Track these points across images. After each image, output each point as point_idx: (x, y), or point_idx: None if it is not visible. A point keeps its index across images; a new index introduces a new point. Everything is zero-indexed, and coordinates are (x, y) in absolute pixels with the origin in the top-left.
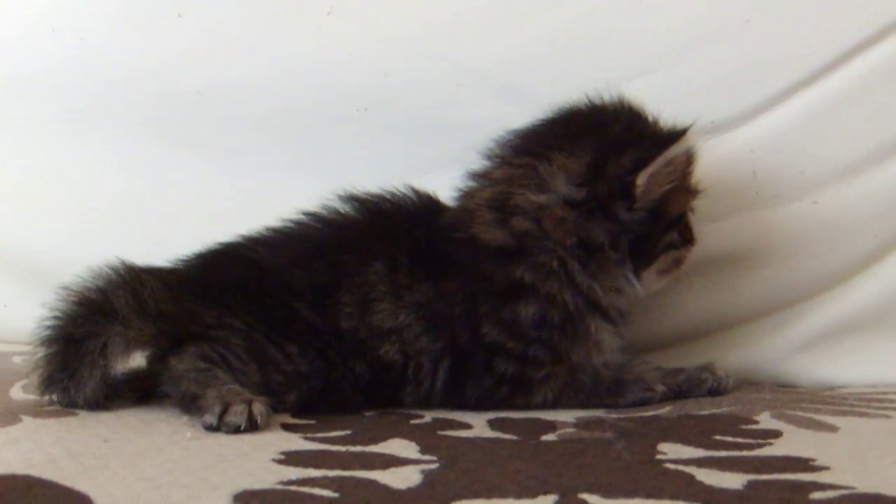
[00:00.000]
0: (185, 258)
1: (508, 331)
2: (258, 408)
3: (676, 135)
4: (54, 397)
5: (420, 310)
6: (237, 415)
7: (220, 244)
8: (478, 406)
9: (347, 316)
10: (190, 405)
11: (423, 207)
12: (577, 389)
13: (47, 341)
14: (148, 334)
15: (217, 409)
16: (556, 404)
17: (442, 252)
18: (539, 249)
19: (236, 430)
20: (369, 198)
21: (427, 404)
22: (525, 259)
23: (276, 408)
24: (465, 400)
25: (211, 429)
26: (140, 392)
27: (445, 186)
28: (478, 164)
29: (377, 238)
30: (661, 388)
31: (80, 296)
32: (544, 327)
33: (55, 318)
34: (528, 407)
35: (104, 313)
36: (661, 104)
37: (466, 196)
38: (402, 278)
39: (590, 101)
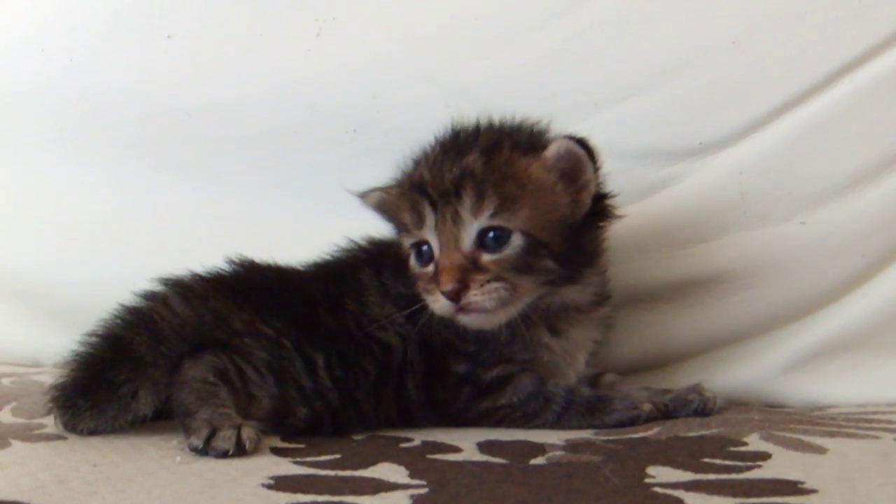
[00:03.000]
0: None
1: (451, 327)
2: (247, 432)
3: None
4: (59, 416)
5: (400, 300)
6: (225, 440)
7: (246, 259)
8: (449, 408)
9: (352, 315)
10: (183, 419)
11: None
12: (547, 399)
13: (78, 365)
14: (169, 365)
15: (204, 433)
16: (530, 416)
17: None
18: None
19: (223, 455)
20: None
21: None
22: None
23: (284, 423)
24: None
25: (197, 451)
26: None
27: None
28: None
29: (367, 255)
30: (647, 406)
31: (106, 337)
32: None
33: (90, 345)
34: (497, 410)
35: (133, 358)
36: (649, 126)
37: None
38: (386, 278)
39: None
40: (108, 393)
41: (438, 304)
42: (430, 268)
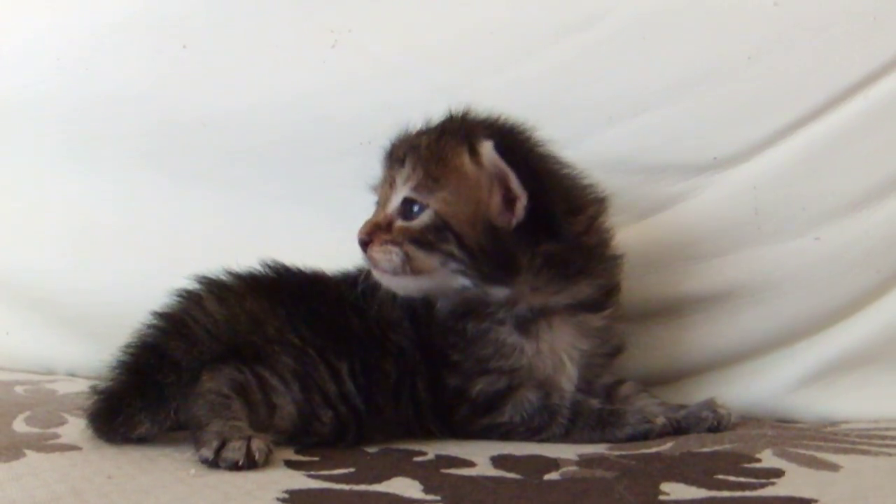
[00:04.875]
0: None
1: (440, 333)
2: (257, 444)
3: None
4: (107, 421)
5: (404, 307)
6: (234, 450)
7: (279, 262)
8: (453, 419)
9: (373, 317)
10: (195, 431)
11: None
12: (552, 413)
13: (124, 370)
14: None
15: (214, 444)
16: (535, 431)
17: None
18: None
19: (234, 466)
20: None
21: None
22: None
23: (308, 431)
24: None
25: (207, 463)
26: None
27: None
28: None
29: None
30: (661, 420)
31: (144, 347)
32: (450, 330)
33: (130, 354)
34: (498, 427)
35: (173, 363)
36: (664, 140)
37: None
38: None
39: None
40: (159, 394)
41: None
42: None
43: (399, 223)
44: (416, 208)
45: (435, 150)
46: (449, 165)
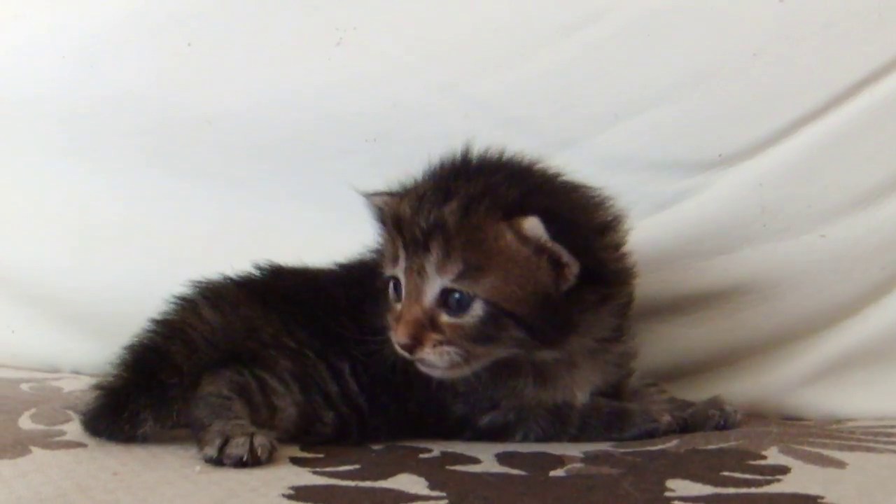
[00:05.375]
0: (245, 270)
1: None
2: (259, 440)
3: None
4: (108, 418)
5: None
6: (238, 446)
7: (273, 263)
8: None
9: (368, 322)
10: (198, 431)
11: None
12: (564, 422)
13: (127, 368)
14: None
15: (217, 442)
16: (546, 439)
17: None
18: None
19: (238, 462)
20: None
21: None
22: None
23: (311, 431)
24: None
25: (212, 462)
26: None
27: None
28: None
29: None
30: (666, 418)
31: (146, 347)
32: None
33: (132, 352)
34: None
35: (174, 364)
36: (668, 137)
37: None
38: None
39: None
40: (162, 393)
41: (397, 346)
42: (399, 306)
43: (446, 319)
44: (457, 296)
45: (469, 232)
46: (492, 249)
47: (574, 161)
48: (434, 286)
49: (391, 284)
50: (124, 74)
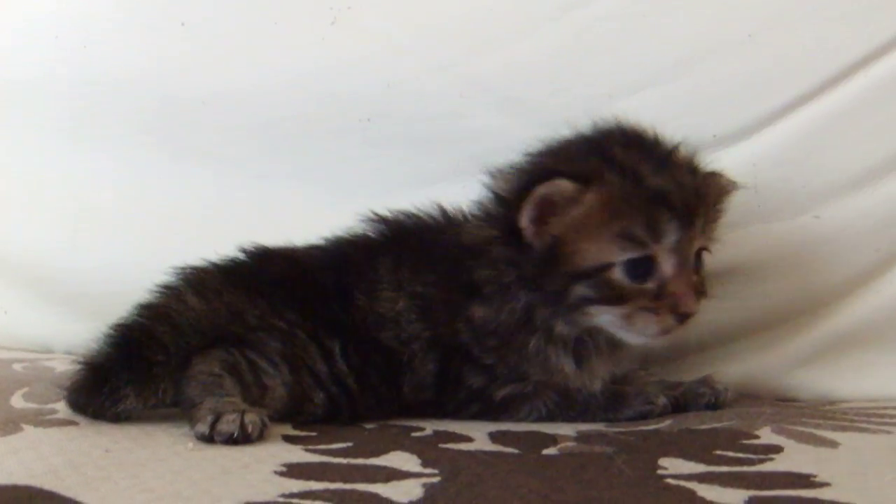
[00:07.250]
0: (230, 255)
1: (472, 332)
2: (250, 417)
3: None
4: (91, 395)
5: (415, 298)
6: (229, 423)
7: (260, 246)
8: (456, 415)
9: (360, 310)
10: (189, 409)
11: (443, 221)
12: (567, 406)
13: (112, 344)
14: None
15: (209, 419)
16: (548, 418)
17: (438, 250)
18: (495, 258)
19: (229, 439)
20: (391, 215)
21: (423, 397)
22: (483, 261)
23: (301, 411)
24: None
25: (204, 438)
26: None
27: (448, 197)
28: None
29: (389, 241)
30: (662, 400)
31: (132, 326)
32: (491, 335)
33: (118, 329)
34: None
35: (161, 344)
36: (663, 118)
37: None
38: (404, 272)
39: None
40: (147, 371)
41: (660, 325)
42: (650, 285)
43: (694, 277)
44: (702, 253)
45: (712, 192)
46: (719, 207)
47: None
48: (694, 248)
49: (623, 267)
50: (118, 55)
